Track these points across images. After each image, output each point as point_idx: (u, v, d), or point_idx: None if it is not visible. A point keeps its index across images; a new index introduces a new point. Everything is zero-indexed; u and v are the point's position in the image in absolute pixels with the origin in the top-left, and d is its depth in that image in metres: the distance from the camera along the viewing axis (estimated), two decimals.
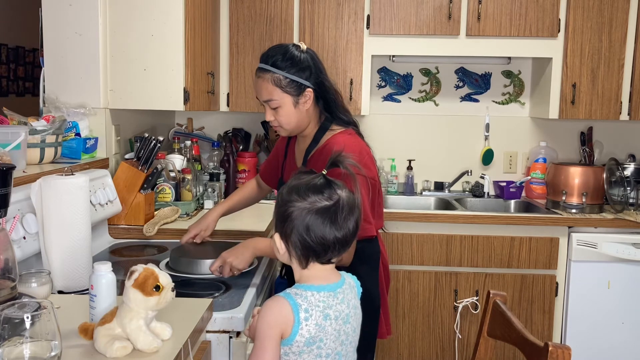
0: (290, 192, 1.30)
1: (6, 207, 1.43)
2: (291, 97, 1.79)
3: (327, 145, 1.81)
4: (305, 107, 1.82)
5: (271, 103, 1.80)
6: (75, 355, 1.19)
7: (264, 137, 3.42)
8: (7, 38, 5.33)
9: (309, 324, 1.24)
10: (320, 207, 1.26)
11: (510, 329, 1.46)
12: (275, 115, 1.82)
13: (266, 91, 1.80)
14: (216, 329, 1.49)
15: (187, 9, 2.45)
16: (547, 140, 3.41)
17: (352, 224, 1.29)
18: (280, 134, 1.93)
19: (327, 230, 1.25)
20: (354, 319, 1.34)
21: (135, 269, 1.24)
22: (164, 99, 2.47)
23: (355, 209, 1.30)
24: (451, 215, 2.87)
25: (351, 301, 1.33)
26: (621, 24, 3.01)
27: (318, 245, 1.26)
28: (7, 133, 1.86)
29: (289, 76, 1.78)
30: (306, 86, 1.80)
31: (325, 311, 1.26)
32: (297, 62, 1.79)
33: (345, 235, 1.28)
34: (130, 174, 2.33)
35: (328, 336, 1.27)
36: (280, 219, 1.30)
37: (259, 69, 1.82)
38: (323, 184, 1.29)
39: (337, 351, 1.29)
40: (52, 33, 2.39)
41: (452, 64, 3.45)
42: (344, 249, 1.30)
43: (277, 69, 1.78)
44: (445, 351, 2.92)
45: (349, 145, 1.78)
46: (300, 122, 1.85)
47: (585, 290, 2.87)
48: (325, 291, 1.28)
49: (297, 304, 1.25)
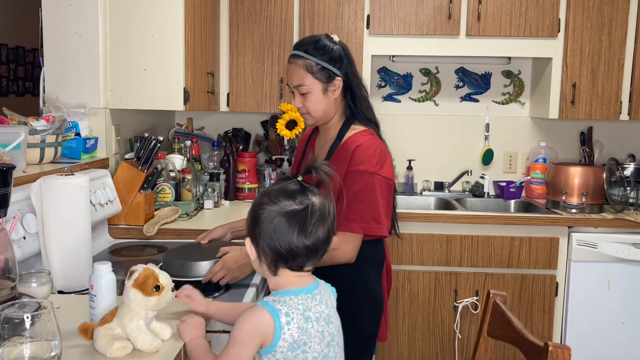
0: (262, 195, 1.28)
1: (6, 207, 1.43)
2: (321, 84, 1.83)
3: (346, 143, 1.84)
4: (334, 96, 1.86)
5: (301, 88, 1.84)
6: (75, 355, 1.19)
7: (264, 137, 3.42)
8: (7, 38, 5.33)
9: (291, 328, 1.20)
10: (289, 210, 1.22)
11: (510, 329, 1.46)
12: (304, 101, 1.85)
13: (297, 76, 1.84)
14: (216, 329, 1.49)
15: (187, 9, 2.45)
16: (547, 140, 3.41)
17: (323, 232, 1.24)
18: (307, 122, 1.95)
19: (294, 236, 1.22)
20: (336, 319, 1.32)
21: (135, 269, 1.24)
22: (164, 99, 2.47)
23: (328, 217, 1.26)
24: (451, 215, 2.87)
25: (328, 301, 1.30)
26: (621, 24, 3.01)
27: (286, 250, 1.22)
28: (7, 133, 1.86)
29: (321, 63, 1.82)
30: (336, 75, 1.84)
31: (305, 314, 1.23)
32: (329, 51, 1.84)
33: (314, 243, 1.23)
34: (130, 174, 2.33)
35: (312, 339, 1.23)
36: (251, 222, 1.27)
37: (292, 56, 1.87)
38: (296, 189, 1.26)
39: (325, 353, 1.25)
40: (52, 33, 2.39)
41: (452, 64, 3.45)
42: (315, 257, 1.26)
43: (309, 55, 1.82)
44: (445, 351, 2.92)
45: (369, 145, 1.80)
46: (327, 111, 1.87)
47: (585, 290, 2.87)
48: (303, 294, 1.25)
49: (277, 310, 1.20)
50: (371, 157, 1.78)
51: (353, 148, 1.79)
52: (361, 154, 1.78)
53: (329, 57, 1.83)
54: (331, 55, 1.83)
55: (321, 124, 1.94)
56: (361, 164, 1.77)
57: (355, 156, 1.78)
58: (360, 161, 1.77)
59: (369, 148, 1.80)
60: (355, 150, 1.79)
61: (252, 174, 3.11)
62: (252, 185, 3.10)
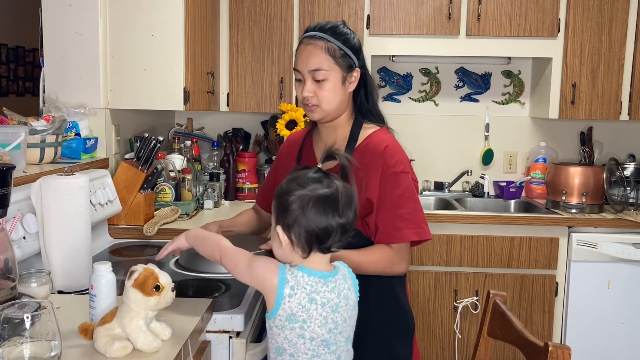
0: (289, 183, 1.32)
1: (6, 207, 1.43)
2: (341, 72, 1.63)
3: (370, 143, 1.67)
4: (350, 89, 1.68)
5: (319, 73, 1.62)
6: (75, 355, 1.19)
7: (264, 137, 3.42)
8: (7, 38, 5.33)
9: (291, 302, 1.27)
10: (321, 194, 1.29)
11: (510, 329, 1.46)
12: (317, 89, 1.63)
13: (317, 59, 1.61)
14: (216, 329, 1.49)
15: (187, 9, 2.45)
16: (547, 140, 3.41)
17: (352, 212, 1.31)
18: (313, 117, 1.70)
19: (329, 216, 1.28)
20: (345, 310, 1.33)
21: (135, 269, 1.24)
22: (164, 99, 2.47)
23: (353, 199, 1.32)
24: (451, 215, 2.87)
25: (343, 292, 1.33)
26: (621, 24, 3.01)
27: (322, 230, 1.28)
28: (7, 133, 1.86)
29: (344, 49, 1.63)
30: (356, 66, 1.67)
31: (311, 295, 1.28)
32: (350, 39, 1.66)
33: (346, 221, 1.30)
34: (130, 174, 2.33)
35: (313, 320, 1.28)
36: (282, 210, 1.31)
37: (309, 37, 1.64)
38: (321, 175, 1.33)
39: (325, 338, 1.29)
40: (52, 33, 2.39)
41: (452, 64, 3.45)
42: (345, 236, 1.32)
43: (333, 37, 1.62)
44: (445, 351, 2.92)
45: (395, 144, 1.69)
46: (340, 105, 1.68)
47: (585, 290, 2.87)
48: (316, 277, 1.30)
49: (286, 279, 1.28)
50: (403, 156, 1.67)
51: (382, 149, 1.64)
52: (393, 154, 1.64)
53: (351, 45, 1.65)
54: (352, 44, 1.66)
55: (327, 121, 1.71)
56: (396, 165, 1.63)
57: (387, 158, 1.63)
58: (394, 162, 1.63)
59: (397, 147, 1.67)
60: (386, 150, 1.64)
61: (252, 174, 3.11)
62: (252, 185, 3.10)
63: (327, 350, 1.30)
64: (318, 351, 1.30)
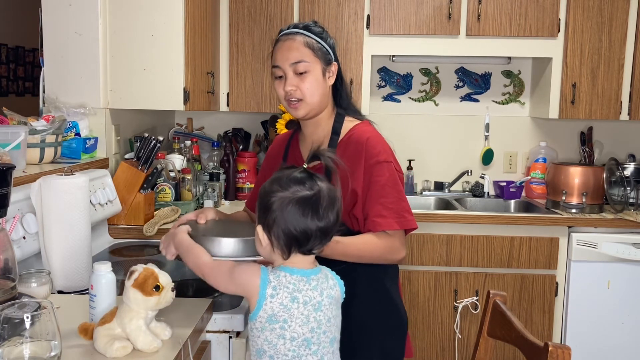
0: (272, 183, 1.32)
1: (6, 207, 1.43)
2: (321, 65, 1.67)
3: (352, 135, 1.69)
4: (330, 83, 1.71)
5: (300, 65, 1.64)
6: (75, 355, 1.19)
7: (264, 137, 3.42)
8: (7, 38, 5.33)
9: (273, 302, 1.27)
10: (301, 196, 1.28)
11: (510, 329, 1.46)
12: (299, 83, 1.65)
13: (297, 52, 1.65)
14: (216, 329, 1.49)
15: (187, 9, 2.45)
16: (547, 140, 3.41)
17: (333, 215, 1.31)
18: (297, 114, 1.70)
19: (308, 219, 1.27)
20: (329, 309, 1.32)
21: (135, 269, 1.24)
22: (164, 99, 2.47)
23: (336, 201, 1.32)
24: (451, 215, 2.87)
25: (326, 290, 1.32)
26: (621, 24, 3.01)
27: (300, 233, 1.27)
28: (7, 133, 1.86)
29: (322, 42, 1.68)
30: (333, 60, 1.71)
31: (293, 294, 1.28)
32: (325, 36, 1.71)
33: (326, 225, 1.29)
34: (130, 174, 2.33)
35: (294, 319, 1.27)
36: (263, 210, 1.31)
37: (287, 33, 1.68)
38: (304, 176, 1.32)
39: (306, 337, 1.28)
40: (52, 33, 2.39)
41: (452, 63, 3.45)
42: (326, 239, 1.32)
43: (310, 33, 1.67)
44: (445, 351, 2.92)
45: (377, 135, 1.70)
46: (323, 98, 1.69)
47: (585, 290, 2.87)
48: (298, 275, 1.30)
49: (268, 280, 1.28)
50: (385, 146, 1.68)
51: (364, 140, 1.66)
52: (375, 145, 1.66)
53: (326, 40, 1.71)
54: (327, 40, 1.71)
55: (310, 117, 1.71)
56: (379, 154, 1.64)
57: (369, 148, 1.65)
58: (377, 152, 1.65)
59: (379, 138, 1.69)
60: (368, 141, 1.66)
61: (252, 174, 3.11)
62: (252, 185, 3.09)
63: (308, 351, 1.29)
64: (299, 352, 1.28)
